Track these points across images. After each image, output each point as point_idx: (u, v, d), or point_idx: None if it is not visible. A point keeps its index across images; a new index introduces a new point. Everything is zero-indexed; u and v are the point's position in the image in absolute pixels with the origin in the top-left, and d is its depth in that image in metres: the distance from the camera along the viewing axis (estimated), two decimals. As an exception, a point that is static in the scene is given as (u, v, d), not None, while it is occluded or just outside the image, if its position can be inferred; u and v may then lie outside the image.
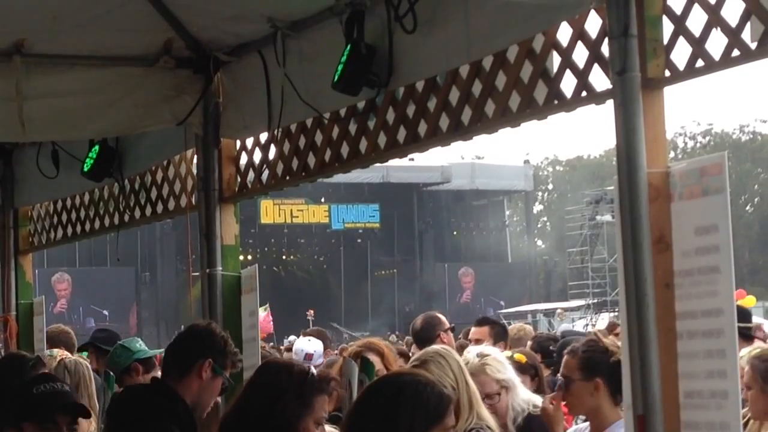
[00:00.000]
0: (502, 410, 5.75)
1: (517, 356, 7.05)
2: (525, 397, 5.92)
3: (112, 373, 7.16)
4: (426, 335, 8.42)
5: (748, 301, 18.01)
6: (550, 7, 4.47)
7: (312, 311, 41.12)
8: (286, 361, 4.48)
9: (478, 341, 8.49)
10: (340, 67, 5.30)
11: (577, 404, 5.29)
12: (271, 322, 20.08)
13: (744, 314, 8.36)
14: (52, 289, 52.52)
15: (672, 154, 64.37)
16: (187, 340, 5.28)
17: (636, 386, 3.91)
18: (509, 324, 12.98)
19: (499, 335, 8.94)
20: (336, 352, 14.43)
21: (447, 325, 8.73)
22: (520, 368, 6.98)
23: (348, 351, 6.27)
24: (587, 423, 5.35)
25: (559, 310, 49.14)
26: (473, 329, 9.16)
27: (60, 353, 7.72)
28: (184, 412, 4.93)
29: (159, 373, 7.54)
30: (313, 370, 4.28)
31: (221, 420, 4.30)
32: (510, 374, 5.91)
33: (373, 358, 6.14)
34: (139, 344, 7.69)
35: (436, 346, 5.77)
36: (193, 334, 5.26)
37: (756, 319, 13.89)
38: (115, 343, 7.98)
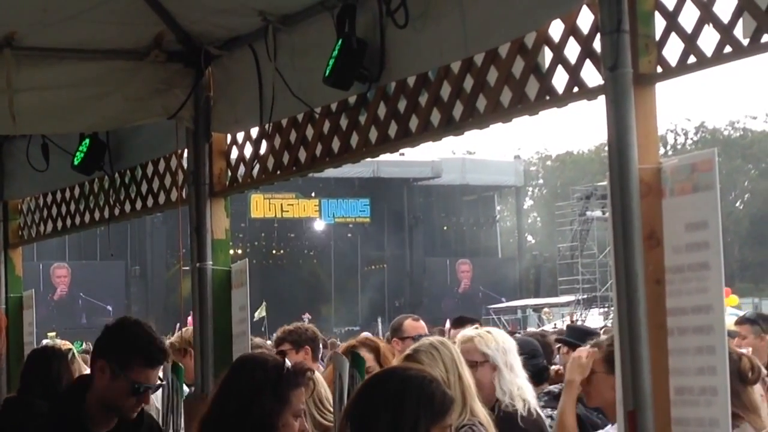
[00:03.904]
0: (484, 384, 5.61)
1: None
2: (519, 384, 5.79)
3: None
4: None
5: (731, 301, 17.86)
6: (547, 3, 4.46)
7: (308, 315, 39.61)
8: (260, 357, 4.38)
9: None
10: (331, 62, 5.28)
11: (596, 396, 5.36)
12: None
13: None
14: (50, 280, 52.60)
15: (662, 151, 64.42)
16: None
17: (627, 382, 3.91)
18: (499, 319, 12.94)
19: None
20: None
21: (425, 329, 8.68)
22: None
23: (342, 347, 6.25)
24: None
25: (545, 310, 49.07)
26: (452, 331, 8.69)
27: (63, 343, 7.78)
28: None
29: None
30: (288, 363, 4.24)
31: (199, 422, 4.22)
32: (499, 354, 5.78)
33: (366, 355, 6.12)
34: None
35: (431, 338, 5.74)
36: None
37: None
38: None
